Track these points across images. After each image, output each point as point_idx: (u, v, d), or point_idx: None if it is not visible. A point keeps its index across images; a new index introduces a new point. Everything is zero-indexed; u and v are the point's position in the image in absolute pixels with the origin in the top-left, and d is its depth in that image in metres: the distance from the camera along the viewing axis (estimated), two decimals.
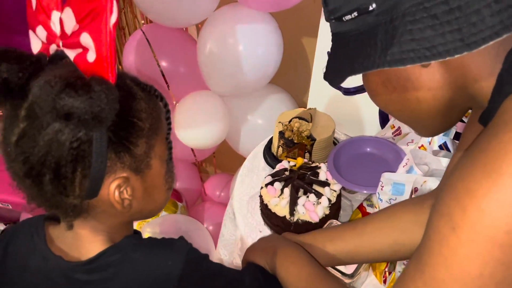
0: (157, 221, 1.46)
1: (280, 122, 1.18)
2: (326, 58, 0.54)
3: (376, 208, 0.93)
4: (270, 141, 1.24)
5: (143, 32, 1.40)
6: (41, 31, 0.53)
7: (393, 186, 0.88)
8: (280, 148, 1.17)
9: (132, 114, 0.51)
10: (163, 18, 1.36)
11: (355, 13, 0.46)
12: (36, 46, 0.55)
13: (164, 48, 1.43)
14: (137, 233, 0.64)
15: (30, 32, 0.56)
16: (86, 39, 0.47)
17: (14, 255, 0.61)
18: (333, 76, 0.50)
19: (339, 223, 0.91)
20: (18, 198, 1.58)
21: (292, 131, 1.15)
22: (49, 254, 0.57)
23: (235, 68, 1.32)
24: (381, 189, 0.90)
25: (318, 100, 1.33)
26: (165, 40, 1.44)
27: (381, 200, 0.90)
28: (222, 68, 1.34)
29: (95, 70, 0.47)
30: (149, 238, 0.60)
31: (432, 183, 0.85)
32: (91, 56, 0.48)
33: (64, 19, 0.50)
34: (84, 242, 0.57)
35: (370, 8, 0.45)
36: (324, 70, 0.54)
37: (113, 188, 0.52)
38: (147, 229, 1.42)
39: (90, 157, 0.48)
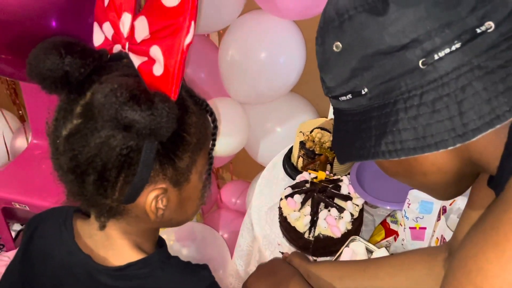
0: (173, 228, 1.45)
1: (301, 131, 1.15)
2: None
3: (401, 225, 0.90)
4: (290, 151, 1.22)
5: None
6: (108, 28, 0.55)
7: (420, 204, 0.85)
8: (301, 159, 1.15)
9: (182, 128, 0.51)
10: None
11: (349, 96, 0.47)
12: (98, 39, 0.57)
13: None
14: (162, 241, 0.64)
15: (95, 25, 0.57)
16: (156, 51, 0.48)
17: (40, 242, 0.62)
18: (338, 152, 0.52)
19: (361, 239, 0.88)
20: (35, 200, 1.58)
21: (314, 141, 1.13)
22: (76, 250, 0.57)
23: (257, 76, 1.30)
24: (408, 207, 0.87)
25: None
26: None
27: (407, 218, 0.87)
28: (243, 75, 1.32)
29: (159, 84, 0.48)
30: (178, 259, 0.60)
31: (461, 203, 0.82)
32: (157, 70, 0.48)
33: (136, 26, 0.51)
34: (113, 243, 0.57)
35: (363, 92, 0.45)
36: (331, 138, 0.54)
37: (151, 198, 0.52)
38: (163, 236, 1.41)
39: (136, 166, 0.48)
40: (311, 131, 1.15)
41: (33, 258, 0.62)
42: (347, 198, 0.97)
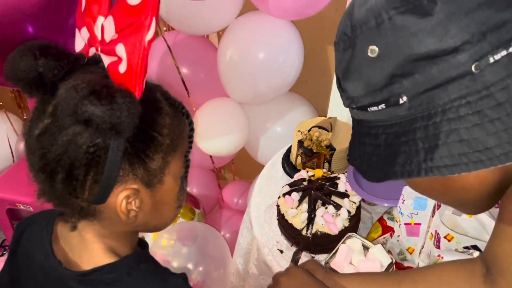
0: (174, 227, 1.46)
1: (299, 131, 1.16)
2: None
3: (397, 222, 0.91)
4: (289, 150, 1.23)
5: (165, 39, 1.41)
6: (85, 32, 0.55)
7: (415, 200, 0.85)
8: (299, 157, 1.16)
9: (153, 128, 0.51)
10: (185, 26, 1.37)
11: (383, 105, 0.42)
12: (79, 45, 0.57)
13: (185, 55, 1.44)
14: (143, 244, 0.64)
15: (76, 31, 0.58)
16: (120, 50, 0.48)
17: (25, 244, 0.63)
18: (367, 171, 0.46)
19: (358, 236, 0.89)
20: (39, 201, 1.59)
21: (312, 140, 1.14)
22: (50, 254, 0.58)
23: (255, 76, 1.31)
24: (402, 203, 0.87)
25: (338, 109, 1.31)
26: (186, 47, 1.45)
27: (402, 214, 0.88)
28: (242, 75, 1.33)
29: (124, 81, 0.48)
30: (150, 265, 0.59)
31: None
32: (122, 67, 0.49)
33: (105, 26, 0.51)
34: (87, 246, 0.57)
35: (401, 102, 0.41)
36: (347, 153, 0.49)
37: (121, 198, 0.52)
38: (164, 235, 1.42)
39: (103, 164, 0.48)
40: (309, 130, 1.16)
41: (19, 261, 0.63)
42: (344, 195, 0.98)
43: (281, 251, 0.99)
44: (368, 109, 0.44)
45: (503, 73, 0.37)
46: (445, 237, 0.79)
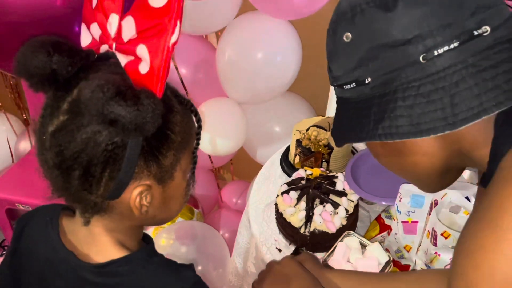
0: (173, 227, 1.46)
1: (297, 130, 1.17)
2: None
3: (394, 220, 0.91)
4: (288, 149, 1.24)
5: None
6: (95, 29, 0.56)
7: (412, 198, 0.86)
8: (297, 157, 1.16)
9: (167, 126, 0.52)
10: (183, 25, 1.37)
11: (354, 84, 0.51)
12: (85, 40, 0.58)
13: (183, 55, 1.44)
14: (148, 238, 0.65)
15: (83, 26, 0.58)
16: (142, 50, 0.49)
17: (27, 239, 0.63)
18: (336, 137, 0.55)
19: (356, 234, 0.90)
20: (38, 201, 1.61)
21: (310, 139, 1.14)
22: (60, 246, 0.58)
23: (254, 76, 1.32)
24: (400, 201, 0.88)
25: None
26: (184, 47, 1.45)
27: (399, 212, 0.88)
28: (240, 75, 1.34)
29: (145, 82, 0.49)
30: (162, 258, 0.60)
31: (453, 196, 0.83)
32: (143, 68, 0.49)
33: (123, 26, 0.52)
34: (96, 240, 0.58)
35: (366, 82, 0.49)
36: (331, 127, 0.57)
37: (135, 194, 0.53)
38: (163, 234, 1.43)
39: (121, 161, 0.49)
40: (307, 129, 1.16)
41: (21, 255, 0.63)
42: (342, 194, 0.98)
43: (280, 250, 1.00)
44: (344, 87, 0.52)
45: (446, 63, 0.45)
46: (442, 235, 0.79)
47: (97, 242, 0.58)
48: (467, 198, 0.83)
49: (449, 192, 0.81)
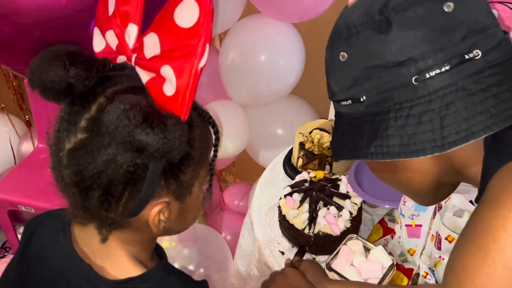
0: None
1: (300, 133, 1.17)
2: None
3: (398, 223, 0.91)
4: (290, 152, 1.23)
5: None
6: (111, 37, 0.54)
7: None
8: (300, 159, 1.16)
9: (188, 143, 0.50)
10: None
11: (350, 101, 0.52)
12: (99, 45, 0.56)
13: None
14: (160, 250, 0.64)
15: (96, 30, 0.56)
16: (167, 71, 0.47)
17: (37, 244, 0.62)
18: (334, 151, 0.57)
19: (359, 238, 0.89)
20: (41, 203, 1.60)
21: (313, 142, 1.14)
22: (74, 257, 0.57)
23: (257, 78, 1.32)
24: (403, 204, 0.88)
25: None
26: None
27: (403, 215, 0.88)
28: (243, 78, 1.34)
29: (170, 104, 0.48)
30: (177, 275, 0.60)
31: (457, 200, 0.82)
32: (168, 90, 0.48)
33: (146, 42, 0.50)
34: (110, 253, 0.56)
35: (361, 100, 0.50)
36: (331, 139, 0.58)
37: (155, 212, 0.52)
38: (166, 237, 1.42)
39: (142, 182, 0.48)
40: (310, 132, 1.16)
41: (29, 261, 0.62)
42: (345, 196, 0.98)
43: (283, 253, 1.00)
44: (341, 103, 0.54)
45: (437, 86, 0.46)
46: (446, 238, 0.79)
47: (112, 256, 0.56)
48: (471, 202, 0.82)
49: (453, 196, 0.81)
